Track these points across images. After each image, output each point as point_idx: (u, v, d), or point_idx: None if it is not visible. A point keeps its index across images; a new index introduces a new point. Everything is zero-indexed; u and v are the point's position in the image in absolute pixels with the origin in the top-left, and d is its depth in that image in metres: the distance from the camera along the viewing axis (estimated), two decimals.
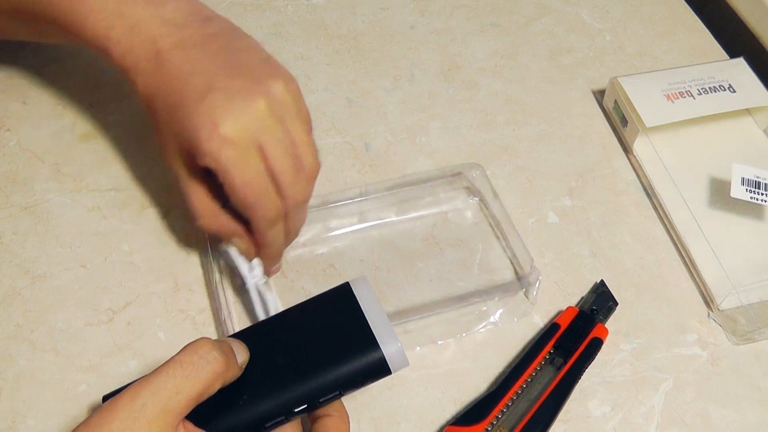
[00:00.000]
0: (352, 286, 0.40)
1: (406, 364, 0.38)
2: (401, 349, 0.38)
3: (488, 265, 0.53)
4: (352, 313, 0.39)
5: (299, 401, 0.37)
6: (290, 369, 0.37)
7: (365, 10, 0.69)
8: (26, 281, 0.49)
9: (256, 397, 0.36)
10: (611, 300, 0.51)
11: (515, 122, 0.62)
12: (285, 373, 0.37)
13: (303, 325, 0.39)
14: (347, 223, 0.54)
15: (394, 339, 0.38)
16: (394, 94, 0.62)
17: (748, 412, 0.48)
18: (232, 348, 0.36)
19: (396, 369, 0.38)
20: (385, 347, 0.37)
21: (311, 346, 0.38)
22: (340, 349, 0.38)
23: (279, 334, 0.39)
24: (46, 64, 0.61)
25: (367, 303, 0.39)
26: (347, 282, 0.40)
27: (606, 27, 0.70)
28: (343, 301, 0.39)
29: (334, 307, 0.39)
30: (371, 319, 0.38)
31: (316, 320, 0.39)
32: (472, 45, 0.67)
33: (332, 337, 0.38)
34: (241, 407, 0.36)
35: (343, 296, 0.40)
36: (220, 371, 0.34)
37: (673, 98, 0.60)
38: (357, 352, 0.37)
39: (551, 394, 0.45)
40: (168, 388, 0.32)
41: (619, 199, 0.58)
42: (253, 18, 0.67)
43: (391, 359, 0.37)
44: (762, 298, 0.52)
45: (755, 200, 0.54)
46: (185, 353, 0.34)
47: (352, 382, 0.37)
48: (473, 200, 0.56)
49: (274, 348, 0.38)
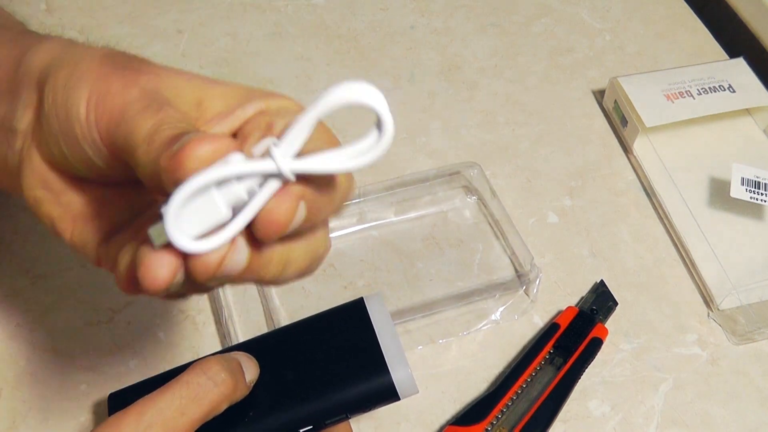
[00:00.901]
0: (367, 303, 0.39)
1: (416, 391, 0.37)
2: (411, 375, 0.37)
3: (488, 264, 0.53)
4: (364, 332, 0.38)
5: (305, 422, 0.36)
6: (297, 387, 0.37)
7: (365, 10, 0.69)
8: (26, 281, 0.49)
9: (262, 415, 0.36)
10: (611, 300, 0.51)
11: (515, 122, 0.62)
12: (292, 390, 0.37)
13: (313, 341, 0.38)
14: (347, 224, 0.54)
15: (404, 365, 0.37)
16: (394, 94, 0.62)
17: (748, 412, 0.48)
18: (241, 366, 0.35)
19: (405, 395, 0.37)
20: (395, 373, 0.36)
21: (320, 364, 0.37)
22: (350, 370, 0.37)
23: (287, 348, 0.38)
24: None
25: (380, 322, 0.38)
26: (361, 297, 0.39)
27: (606, 27, 0.70)
28: (356, 318, 0.38)
29: (346, 324, 0.38)
30: (383, 340, 0.37)
31: (327, 336, 0.38)
32: (472, 45, 0.67)
33: (342, 356, 0.37)
34: (246, 424, 0.36)
35: (356, 313, 0.39)
36: (228, 393, 0.33)
37: (673, 98, 0.60)
38: (367, 376, 0.37)
39: (551, 394, 0.45)
40: (173, 408, 0.32)
41: (619, 199, 0.58)
42: (253, 18, 0.67)
43: (401, 385, 0.37)
44: (762, 298, 0.52)
45: (755, 200, 0.54)
46: (193, 373, 0.33)
47: (358, 406, 0.37)
48: (471, 199, 0.56)
49: (282, 363, 0.37)
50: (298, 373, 0.37)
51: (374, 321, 0.38)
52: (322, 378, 0.37)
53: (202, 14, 0.67)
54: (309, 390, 0.36)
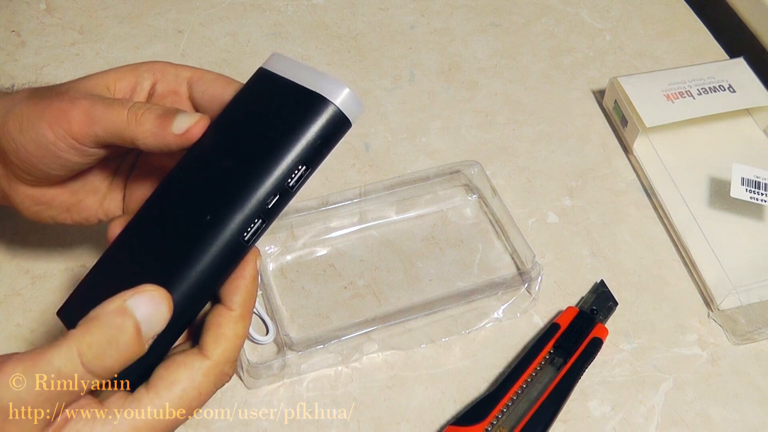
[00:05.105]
0: (267, 68, 0.35)
1: (360, 107, 0.34)
2: (349, 92, 0.33)
3: (489, 263, 0.53)
4: (280, 89, 0.34)
5: (268, 194, 0.33)
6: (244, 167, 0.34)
7: (365, 10, 0.69)
8: (26, 281, 0.49)
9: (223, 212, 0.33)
10: (611, 300, 0.51)
11: (515, 122, 0.62)
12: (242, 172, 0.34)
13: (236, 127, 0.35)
14: (347, 223, 0.54)
15: (337, 85, 0.33)
16: (394, 94, 0.62)
17: (748, 412, 0.48)
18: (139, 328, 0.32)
19: (353, 115, 0.34)
20: (331, 96, 0.33)
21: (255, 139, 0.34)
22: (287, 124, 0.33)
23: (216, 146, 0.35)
24: (46, 63, 0.61)
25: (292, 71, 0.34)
26: (260, 68, 0.36)
27: (606, 27, 0.70)
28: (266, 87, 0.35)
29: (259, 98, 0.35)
30: (304, 82, 0.34)
31: (248, 115, 0.35)
32: (472, 45, 0.67)
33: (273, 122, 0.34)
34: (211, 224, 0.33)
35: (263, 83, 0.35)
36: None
37: (673, 98, 0.60)
38: (304, 118, 0.33)
39: (551, 394, 0.45)
40: None
41: (619, 199, 0.58)
42: (253, 18, 0.67)
43: (343, 105, 0.33)
44: (762, 298, 0.52)
45: (755, 200, 0.54)
46: None
47: (313, 150, 0.33)
48: (472, 198, 0.56)
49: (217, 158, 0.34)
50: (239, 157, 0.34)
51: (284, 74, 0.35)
52: (264, 147, 0.34)
53: (202, 14, 0.67)
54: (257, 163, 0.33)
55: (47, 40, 0.63)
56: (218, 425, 0.45)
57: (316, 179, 0.56)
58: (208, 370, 0.33)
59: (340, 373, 0.47)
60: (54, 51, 0.62)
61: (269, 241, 0.52)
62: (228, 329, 0.34)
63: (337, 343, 0.46)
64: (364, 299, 0.50)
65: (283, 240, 0.52)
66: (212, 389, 0.34)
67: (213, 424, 0.45)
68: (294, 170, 0.33)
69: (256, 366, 0.45)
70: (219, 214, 0.33)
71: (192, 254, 0.33)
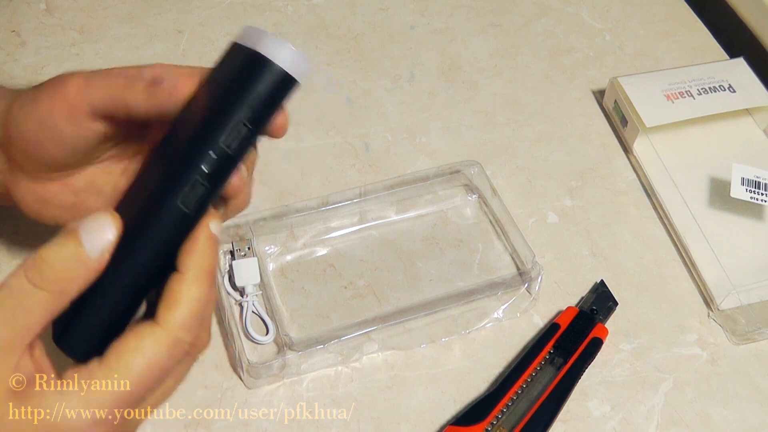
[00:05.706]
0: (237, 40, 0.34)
1: (306, 65, 0.33)
2: (293, 50, 0.32)
3: (489, 263, 0.53)
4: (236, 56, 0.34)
5: (201, 155, 0.32)
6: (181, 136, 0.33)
7: (365, 10, 0.69)
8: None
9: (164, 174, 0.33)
10: (611, 300, 0.51)
11: (515, 122, 0.62)
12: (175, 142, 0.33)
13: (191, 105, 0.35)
14: (347, 223, 0.54)
15: (280, 43, 0.32)
16: (394, 94, 0.62)
17: (748, 412, 0.48)
18: None
19: (297, 73, 0.33)
20: (272, 55, 0.32)
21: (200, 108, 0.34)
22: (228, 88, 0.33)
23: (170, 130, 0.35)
24: (46, 63, 0.61)
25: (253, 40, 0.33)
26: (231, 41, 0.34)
27: (606, 27, 0.70)
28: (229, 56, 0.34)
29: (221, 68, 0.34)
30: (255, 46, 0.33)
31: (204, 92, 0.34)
32: (472, 45, 0.67)
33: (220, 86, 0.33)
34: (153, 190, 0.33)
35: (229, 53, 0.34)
36: None
37: (673, 98, 0.60)
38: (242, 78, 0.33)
39: (551, 394, 0.45)
40: None
41: (619, 199, 0.58)
42: (253, 18, 0.67)
43: (284, 63, 0.32)
44: (762, 298, 0.52)
45: (755, 200, 0.54)
46: None
47: (250, 109, 0.32)
48: (472, 198, 0.56)
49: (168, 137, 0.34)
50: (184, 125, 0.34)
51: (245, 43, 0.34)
52: (204, 110, 0.33)
53: (202, 14, 0.67)
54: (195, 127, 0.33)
55: (47, 40, 0.63)
56: (218, 425, 0.45)
57: (316, 179, 0.56)
58: (158, 338, 0.31)
59: (340, 373, 0.47)
60: (54, 51, 0.62)
61: (269, 241, 0.52)
62: (180, 293, 0.32)
63: (337, 343, 0.46)
64: (364, 299, 0.50)
65: (283, 240, 0.52)
66: (167, 359, 0.31)
67: (213, 424, 0.45)
68: (232, 130, 0.32)
69: (256, 366, 0.45)
70: (160, 183, 0.33)
71: (140, 225, 0.33)
